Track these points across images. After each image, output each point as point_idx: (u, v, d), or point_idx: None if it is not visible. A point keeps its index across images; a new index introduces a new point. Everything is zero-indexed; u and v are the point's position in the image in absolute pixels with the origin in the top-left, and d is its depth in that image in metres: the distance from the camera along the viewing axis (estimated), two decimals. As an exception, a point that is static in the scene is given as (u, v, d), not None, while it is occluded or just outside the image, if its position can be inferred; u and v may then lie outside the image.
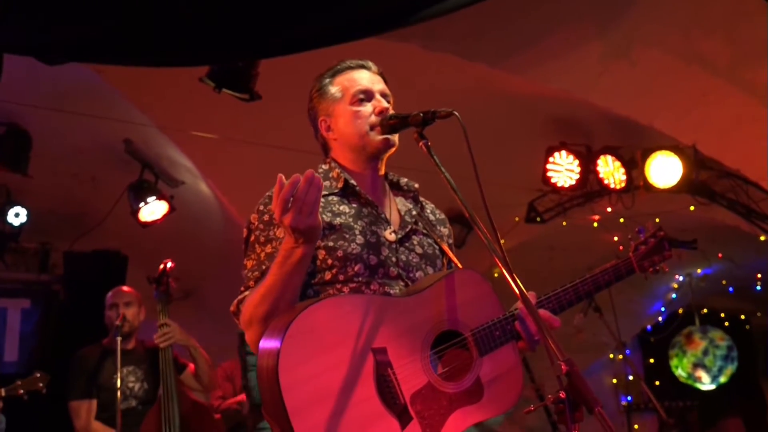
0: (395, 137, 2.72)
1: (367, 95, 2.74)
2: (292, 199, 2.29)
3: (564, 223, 8.56)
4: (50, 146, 6.86)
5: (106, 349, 5.54)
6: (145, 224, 7.25)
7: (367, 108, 2.71)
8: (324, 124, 2.79)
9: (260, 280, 2.55)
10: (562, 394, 1.98)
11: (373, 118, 2.70)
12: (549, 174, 7.50)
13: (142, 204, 7.13)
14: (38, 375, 5.46)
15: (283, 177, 2.33)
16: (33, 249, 8.24)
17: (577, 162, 7.43)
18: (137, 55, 4.34)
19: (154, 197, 7.16)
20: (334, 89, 2.77)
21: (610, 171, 7.42)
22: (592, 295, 2.77)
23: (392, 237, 2.69)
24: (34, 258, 8.24)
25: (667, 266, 2.93)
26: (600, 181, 7.50)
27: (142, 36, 4.13)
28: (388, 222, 2.72)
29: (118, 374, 5.12)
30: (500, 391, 2.54)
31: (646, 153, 7.07)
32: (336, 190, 2.71)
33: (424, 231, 2.82)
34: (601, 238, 8.82)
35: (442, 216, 2.99)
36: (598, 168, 7.45)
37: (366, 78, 2.78)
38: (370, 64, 2.84)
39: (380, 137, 2.69)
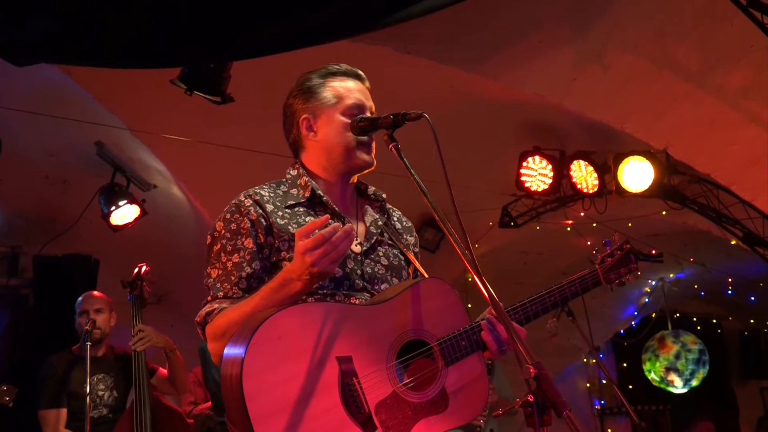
0: (373, 158, 2.71)
1: (360, 110, 2.70)
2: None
3: (537, 228, 8.60)
4: (20, 149, 6.78)
5: (75, 356, 5.48)
6: (117, 228, 7.18)
7: None
8: (306, 123, 2.73)
9: (232, 293, 2.54)
10: (531, 398, 1.98)
11: (363, 137, 2.67)
12: (523, 179, 7.53)
13: (113, 208, 7.06)
14: (5, 388, 5.34)
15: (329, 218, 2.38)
16: (2, 253, 8.14)
17: (550, 167, 7.47)
18: (107, 56, 4.31)
19: (126, 201, 7.10)
20: (326, 92, 2.72)
21: (583, 176, 7.47)
22: (559, 307, 2.77)
23: (357, 249, 2.67)
24: (3, 262, 8.14)
25: (632, 278, 2.93)
26: (573, 185, 7.54)
27: (112, 37, 4.10)
28: (353, 227, 2.70)
29: (87, 382, 5.05)
30: (465, 400, 2.52)
31: (619, 158, 7.12)
32: (303, 200, 2.69)
33: (390, 241, 2.80)
34: (574, 242, 8.87)
35: (409, 224, 2.98)
36: (572, 173, 7.50)
37: (361, 92, 2.74)
38: (363, 75, 2.80)
39: (364, 157, 2.69)
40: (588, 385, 12.14)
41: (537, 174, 7.51)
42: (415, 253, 2.88)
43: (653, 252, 3.07)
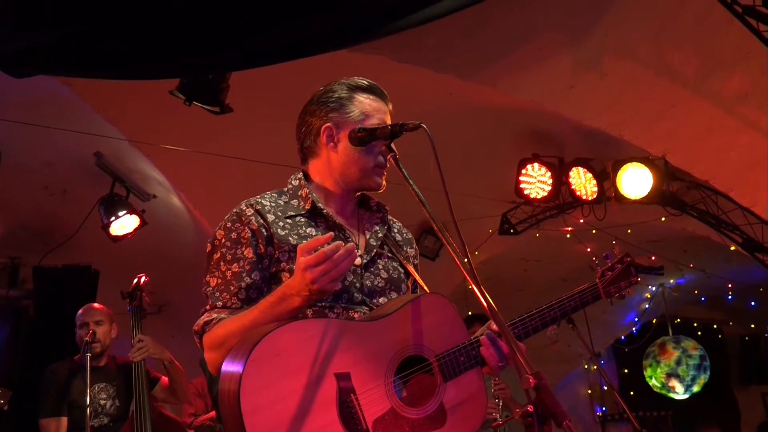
0: (384, 181, 2.70)
1: None
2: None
3: (537, 235, 8.60)
4: (20, 159, 6.79)
5: (77, 365, 5.47)
6: (116, 238, 7.18)
7: (378, 146, 2.64)
8: (328, 132, 2.67)
9: (231, 303, 2.53)
10: (531, 408, 1.98)
11: (381, 160, 2.65)
12: (522, 186, 7.54)
13: (113, 218, 7.06)
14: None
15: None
16: (2, 264, 8.14)
17: (549, 174, 7.47)
18: (106, 67, 4.32)
19: (125, 211, 7.10)
20: (354, 107, 2.67)
21: (582, 182, 7.48)
22: (558, 321, 2.76)
23: (358, 261, 2.64)
24: (2, 273, 8.13)
25: (632, 291, 2.93)
26: (572, 192, 7.55)
27: (111, 49, 4.11)
28: (355, 246, 2.69)
29: (87, 392, 5.04)
30: (463, 416, 2.51)
31: (617, 164, 7.13)
32: (303, 212, 2.67)
33: (390, 254, 2.79)
34: (574, 249, 8.88)
35: (409, 236, 2.95)
36: (571, 180, 7.50)
37: (385, 113, 2.71)
38: (387, 95, 2.76)
39: (377, 180, 2.67)
40: (589, 391, 12.12)
41: (536, 181, 7.51)
42: (415, 265, 2.86)
43: (653, 258, 3.07)
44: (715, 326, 13.06)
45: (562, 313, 2.74)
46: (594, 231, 8.17)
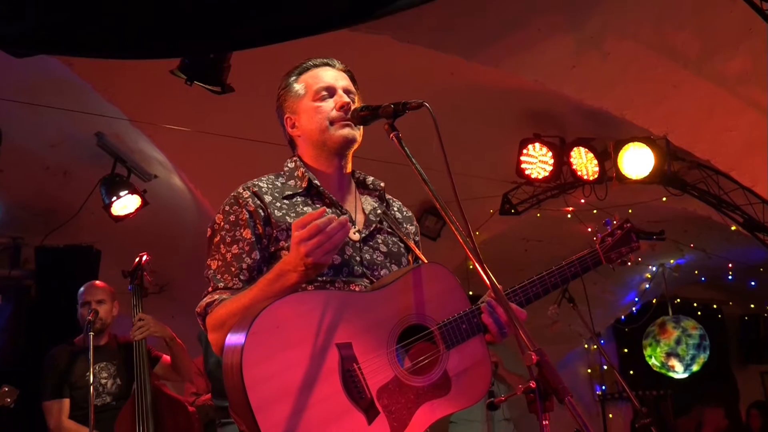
0: (356, 132, 2.73)
1: (330, 91, 2.76)
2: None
3: (538, 215, 8.60)
4: (21, 140, 6.77)
5: (78, 346, 5.50)
6: (118, 218, 7.18)
7: (329, 103, 2.74)
8: (289, 122, 2.81)
9: (233, 284, 2.57)
10: (533, 384, 1.99)
11: (334, 113, 2.71)
12: (523, 166, 7.52)
13: (114, 198, 7.05)
14: (6, 389, 5.33)
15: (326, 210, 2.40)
16: (4, 244, 8.13)
17: (550, 154, 7.46)
18: (107, 47, 4.30)
19: (127, 191, 7.09)
20: (298, 86, 2.79)
21: (583, 162, 7.46)
22: (560, 287, 2.78)
23: (356, 236, 2.69)
24: (5, 253, 8.13)
25: (634, 257, 2.94)
26: (573, 172, 7.53)
27: (111, 28, 4.10)
28: (352, 221, 2.73)
29: (91, 371, 5.06)
30: (468, 383, 2.54)
31: (619, 144, 7.12)
32: (300, 190, 2.72)
33: (389, 229, 2.82)
34: (574, 229, 8.87)
35: (409, 214, 3.00)
36: (572, 160, 7.49)
37: (329, 75, 2.80)
38: (336, 61, 2.86)
39: (340, 132, 2.71)
40: (589, 371, 12.15)
41: (537, 161, 7.50)
42: (415, 241, 2.90)
43: (654, 237, 3.08)
44: (714, 306, 13.07)
45: (562, 279, 2.78)
46: (595, 211, 8.16)
